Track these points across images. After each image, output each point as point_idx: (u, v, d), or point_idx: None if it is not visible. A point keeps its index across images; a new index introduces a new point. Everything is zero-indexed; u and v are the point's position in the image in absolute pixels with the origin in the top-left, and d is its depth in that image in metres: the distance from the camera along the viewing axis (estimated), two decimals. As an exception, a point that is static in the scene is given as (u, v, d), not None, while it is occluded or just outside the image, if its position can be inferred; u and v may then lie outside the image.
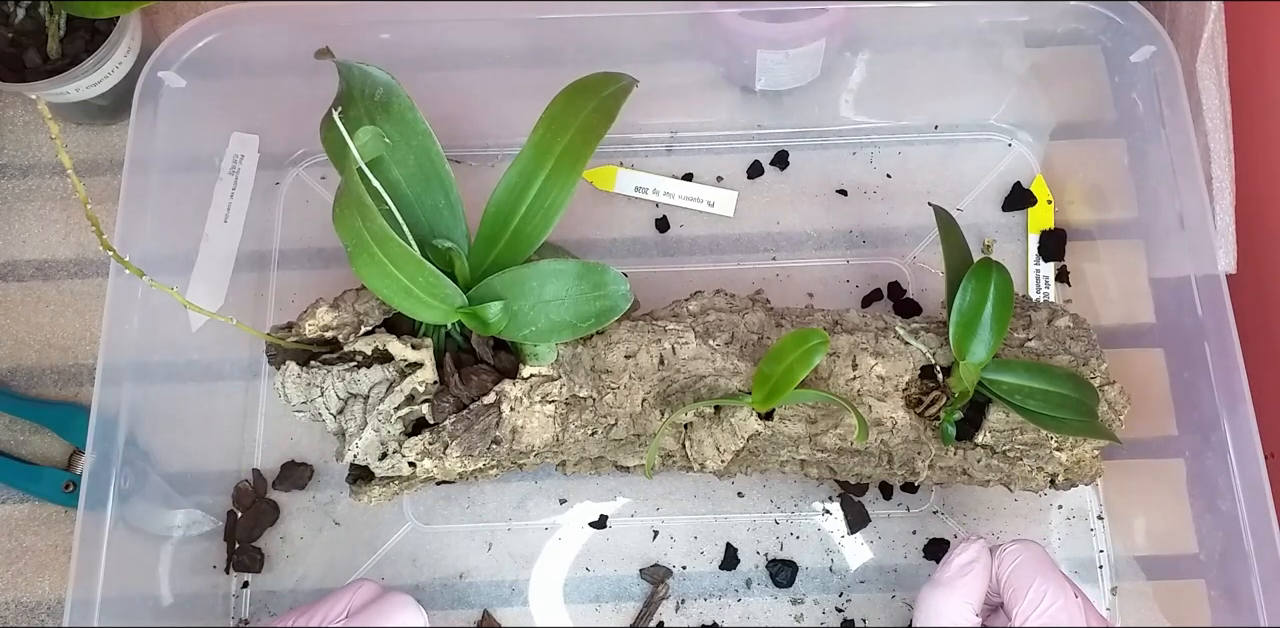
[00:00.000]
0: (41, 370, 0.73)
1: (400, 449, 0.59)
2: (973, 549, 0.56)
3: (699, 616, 0.68)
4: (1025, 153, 0.77)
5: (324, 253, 0.75)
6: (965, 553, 0.55)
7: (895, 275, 0.74)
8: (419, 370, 0.59)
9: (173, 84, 0.69)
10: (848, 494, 0.69)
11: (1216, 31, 0.68)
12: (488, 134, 0.76)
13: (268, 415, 0.72)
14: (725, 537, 0.69)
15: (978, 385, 0.61)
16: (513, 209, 0.58)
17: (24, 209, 0.76)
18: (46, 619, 0.68)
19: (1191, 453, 0.66)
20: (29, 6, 0.71)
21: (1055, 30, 0.73)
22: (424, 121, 0.59)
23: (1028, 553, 0.55)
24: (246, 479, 0.70)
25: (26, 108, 0.79)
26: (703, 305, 0.64)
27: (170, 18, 0.79)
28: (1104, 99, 0.74)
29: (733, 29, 0.70)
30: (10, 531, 0.70)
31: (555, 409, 0.60)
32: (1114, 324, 0.72)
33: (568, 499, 0.70)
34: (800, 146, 0.77)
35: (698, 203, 0.76)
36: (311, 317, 0.60)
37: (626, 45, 0.72)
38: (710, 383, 0.61)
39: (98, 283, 0.74)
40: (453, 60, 0.75)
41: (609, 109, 0.57)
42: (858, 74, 0.76)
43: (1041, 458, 0.62)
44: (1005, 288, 0.62)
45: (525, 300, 0.56)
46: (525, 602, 0.68)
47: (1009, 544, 0.56)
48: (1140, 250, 0.72)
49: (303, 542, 0.69)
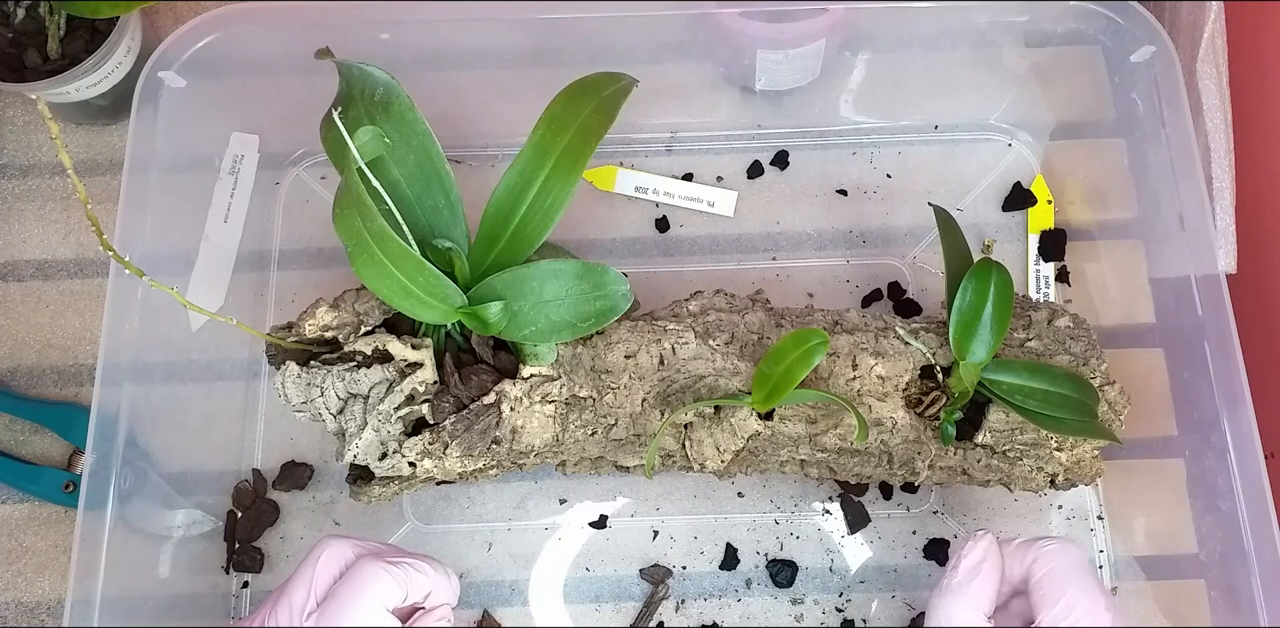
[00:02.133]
0: (41, 370, 0.73)
1: (400, 449, 0.59)
2: (980, 548, 0.54)
3: (699, 616, 0.68)
4: (1025, 153, 0.77)
5: (324, 253, 0.75)
6: (973, 554, 0.54)
7: (895, 275, 0.74)
8: (419, 370, 0.59)
9: (173, 84, 0.69)
10: (848, 494, 0.69)
11: (1216, 31, 0.68)
12: (488, 134, 0.76)
13: (268, 415, 0.72)
14: (725, 537, 0.69)
15: (978, 385, 0.61)
16: (513, 209, 0.58)
17: (24, 209, 0.76)
18: (46, 619, 0.68)
19: (1191, 453, 0.66)
20: (29, 6, 0.71)
21: (1055, 30, 0.73)
22: (424, 121, 0.59)
23: (1066, 558, 0.53)
24: (246, 479, 0.70)
25: (26, 108, 0.79)
26: (703, 305, 0.64)
27: (170, 18, 0.79)
28: (1104, 99, 0.74)
29: (733, 29, 0.70)
30: (10, 531, 0.70)
31: (555, 409, 0.60)
32: (1114, 324, 0.72)
33: (568, 499, 0.70)
34: (800, 146, 0.77)
35: (698, 203, 0.76)
36: (311, 317, 0.60)
37: (626, 45, 0.72)
38: (710, 383, 0.61)
39: (98, 283, 0.74)
40: (453, 60, 0.75)
41: (609, 109, 0.57)
42: (858, 74, 0.76)
43: (1041, 458, 0.62)
44: (1005, 288, 0.62)
45: (525, 300, 0.56)
46: (525, 602, 0.68)
47: (1049, 542, 0.54)
48: (1140, 250, 0.72)
49: (303, 542, 0.69)
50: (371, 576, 0.52)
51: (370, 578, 0.52)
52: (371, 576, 0.52)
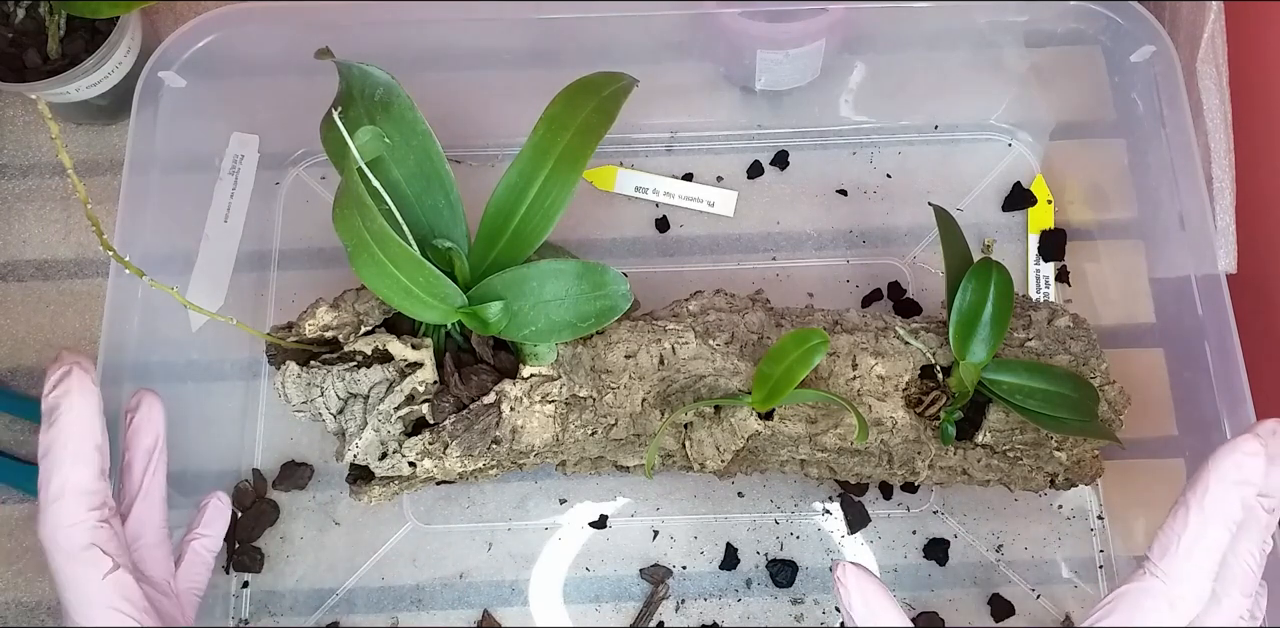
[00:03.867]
0: (41, 370, 0.73)
1: (400, 449, 0.59)
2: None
3: (699, 616, 0.68)
4: (1025, 153, 0.77)
5: (324, 253, 0.75)
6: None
7: (895, 275, 0.74)
8: (419, 370, 0.59)
9: (173, 84, 0.69)
10: (848, 494, 0.69)
11: (1216, 31, 0.68)
12: (488, 134, 0.76)
13: (268, 415, 0.72)
14: (725, 537, 0.69)
15: (978, 385, 0.61)
16: (513, 209, 0.58)
17: (24, 209, 0.76)
18: (46, 619, 0.68)
19: (1191, 453, 0.66)
20: (29, 6, 0.71)
21: (1055, 30, 0.73)
22: (424, 121, 0.59)
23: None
24: (246, 479, 0.70)
25: (26, 108, 0.79)
26: (703, 305, 0.64)
27: (170, 18, 0.79)
28: (1104, 99, 0.74)
29: (733, 29, 0.70)
30: (10, 531, 0.70)
31: (555, 409, 0.60)
32: (1114, 324, 0.72)
33: (568, 499, 0.70)
34: (800, 146, 0.77)
35: (698, 203, 0.76)
36: (311, 317, 0.60)
37: (626, 45, 0.72)
38: (710, 383, 0.61)
39: (98, 283, 0.74)
40: (453, 60, 0.75)
41: (609, 109, 0.57)
42: (858, 74, 0.76)
43: (1041, 458, 0.62)
44: (1005, 288, 0.62)
45: (525, 300, 0.56)
46: (525, 602, 0.68)
47: None
48: (1140, 250, 0.72)
49: (303, 542, 0.69)
50: (216, 507, 0.61)
51: (216, 511, 0.61)
52: (216, 507, 0.61)
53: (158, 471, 0.57)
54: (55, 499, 0.49)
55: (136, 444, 0.57)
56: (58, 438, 0.50)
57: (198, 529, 0.61)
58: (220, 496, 0.62)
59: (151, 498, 0.56)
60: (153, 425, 0.57)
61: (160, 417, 0.58)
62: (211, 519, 0.61)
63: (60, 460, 0.49)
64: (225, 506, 0.62)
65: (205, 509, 0.61)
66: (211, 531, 0.61)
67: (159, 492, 0.57)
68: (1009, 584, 0.68)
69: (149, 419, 0.57)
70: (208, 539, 0.61)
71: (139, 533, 0.55)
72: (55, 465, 0.49)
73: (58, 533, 0.49)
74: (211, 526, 0.61)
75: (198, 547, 0.60)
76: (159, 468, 0.57)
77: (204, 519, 0.61)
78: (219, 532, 0.61)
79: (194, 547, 0.60)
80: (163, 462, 0.57)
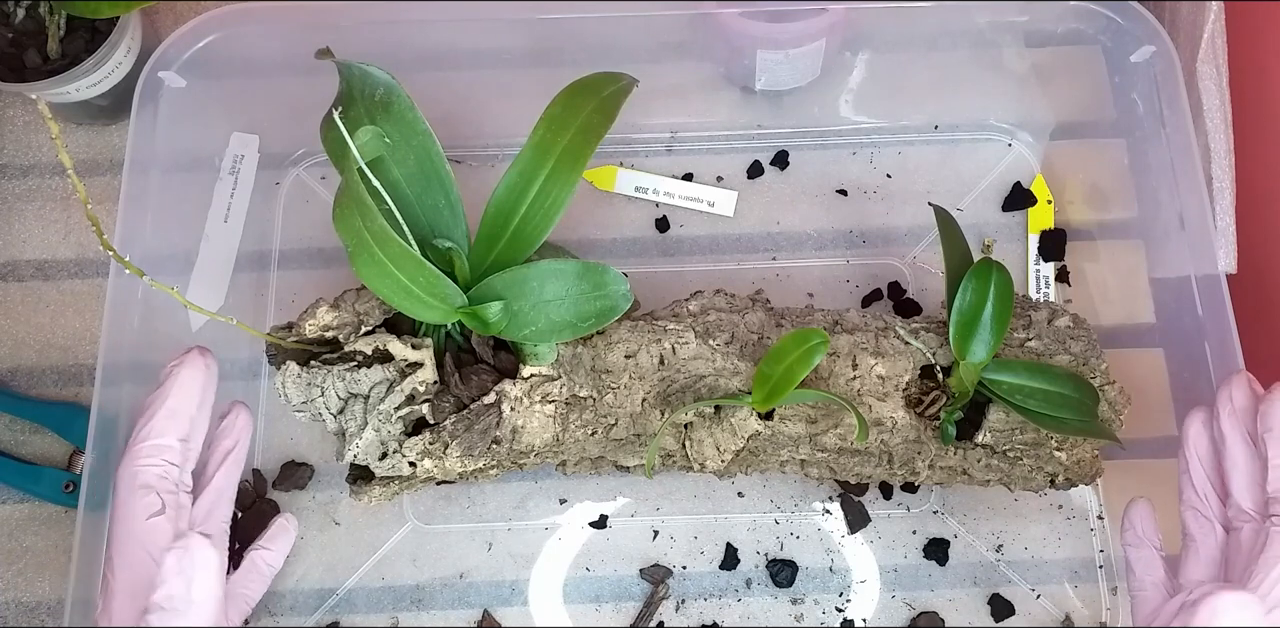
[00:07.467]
0: (41, 370, 0.73)
1: (400, 449, 0.59)
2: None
3: (699, 616, 0.68)
4: (1025, 153, 0.77)
5: (324, 253, 0.75)
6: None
7: (895, 275, 0.74)
8: (419, 370, 0.59)
9: (173, 84, 0.69)
10: (848, 494, 0.69)
11: (1216, 31, 0.68)
12: (488, 134, 0.76)
13: (268, 415, 0.72)
14: (725, 537, 0.69)
15: (978, 385, 0.61)
16: (513, 209, 0.58)
17: (24, 209, 0.76)
18: (46, 619, 0.68)
19: (1191, 453, 0.66)
20: (29, 6, 0.71)
21: (1055, 30, 0.73)
22: (424, 121, 0.59)
23: None
24: (246, 479, 0.70)
25: (26, 108, 0.79)
26: (703, 305, 0.64)
27: (170, 18, 0.79)
28: (1104, 99, 0.74)
29: (733, 29, 0.70)
30: (10, 531, 0.70)
31: (555, 409, 0.60)
32: (1114, 324, 0.72)
33: (568, 499, 0.70)
34: (800, 146, 0.77)
35: (698, 203, 0.76)
36: (311, 317, 0.60)
37: (626, 45, 0.72)
38: (710, 383, 0.61)
39: (98, 283, 0.74)
40: (453, 60, 0.75)
41: (609, 109, 0.57)
42: (858, 74, 0.76)
43: (1041, 458, 0.62)
44: (1005, 288, 0.62)
45: (525, 300, 0.56)
46: (525, 602, 0.68)
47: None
48: (1140, 250, 0.72)
49: (303, 542, 0.69)
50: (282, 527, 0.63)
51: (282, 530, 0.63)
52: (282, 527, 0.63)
53: (230, 471, 0.58)
54: (137, 443, 0.53)
55: (218, 445, 0.59)
56: (157, 398, 0.54)
57: (261, 542, 0.62)
58: (288, 516, 0.65)
59: (219, 493, 0.58)
60: (236, 432, 0.59)
61: (247, 426, 0.60)
62: (276, 535, 0.63)
63: (153, 414, 0.54)
64: (292, 526, 0.64)
65: (272, 525, 0.64)
66: (275, 545, 0.63)
67: (229, 490, 0.58)
68: (1009, 584, 0.68)
69: (234, 426, 0.60)
70: (270, 553, 0.62)
71: (200, 522, 0.56)
72: (147, 419, 0.54)
73: (126, 469, 0.53)
74: (275, 540, 0.63)
75: (257, 558, 0.61)
76: (232, 470, 0.58)
77: (269, 534, 0.63)
78: (282, 549, 0.63)
79: (253, 557, 0.61)
80: (238, 465, 0.59)
